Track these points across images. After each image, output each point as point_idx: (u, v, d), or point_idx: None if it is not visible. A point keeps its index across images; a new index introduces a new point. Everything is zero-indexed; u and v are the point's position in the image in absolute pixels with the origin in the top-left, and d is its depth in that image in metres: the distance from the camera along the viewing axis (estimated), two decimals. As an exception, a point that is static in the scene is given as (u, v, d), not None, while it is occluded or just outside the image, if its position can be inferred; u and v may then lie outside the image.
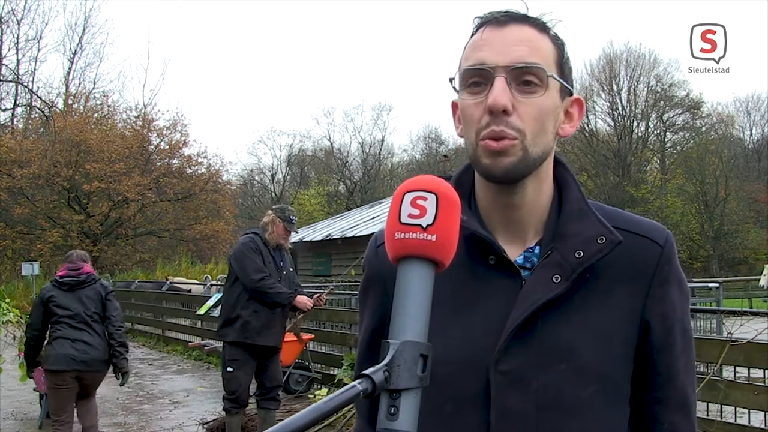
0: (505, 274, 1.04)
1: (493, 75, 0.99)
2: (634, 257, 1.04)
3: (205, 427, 6.64)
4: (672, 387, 1.06)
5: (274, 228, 5.29)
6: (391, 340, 0.70)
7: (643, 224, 1.08)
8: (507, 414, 0.99)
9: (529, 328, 1.00)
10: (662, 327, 1.04)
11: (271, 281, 5.17)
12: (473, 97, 1.02)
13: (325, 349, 9.18)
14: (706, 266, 35.76)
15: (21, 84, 28.90)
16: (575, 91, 1.09)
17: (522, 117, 0.99)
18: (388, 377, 0.67)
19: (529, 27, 1.03)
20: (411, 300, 0.72)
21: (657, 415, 1.07)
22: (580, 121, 1.11)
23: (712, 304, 11.19)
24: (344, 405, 0.64)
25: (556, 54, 1.04)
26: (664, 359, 1.05)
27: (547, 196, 1.08)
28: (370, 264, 1.16)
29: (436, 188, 0.76)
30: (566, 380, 0.99)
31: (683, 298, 1.08)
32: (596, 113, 38.83)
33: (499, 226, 1.08)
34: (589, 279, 1.02)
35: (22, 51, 30.93)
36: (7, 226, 26.02)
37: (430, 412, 1.02)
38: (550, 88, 1.01)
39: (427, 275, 0.73)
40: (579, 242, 1.02)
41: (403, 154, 48.25)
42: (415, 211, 0.74)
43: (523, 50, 1.00)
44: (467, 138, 1.04)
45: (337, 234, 18.55)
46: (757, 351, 4.41)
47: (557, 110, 1.04)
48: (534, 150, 1.01)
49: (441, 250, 0.74)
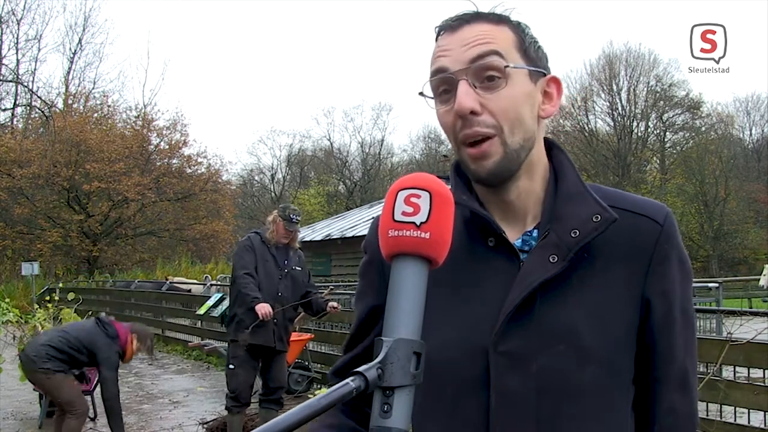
0: (504, 256, 1.04)
1: (456, 80, 1.00)
2: (633, 236, 1.03)
3: (204, 427, 6.63)
4: (671, 366, 1.06)
5: (274, 227, 5.30)
6: (385, 338, 0.70)
7: (642, 203, 1.07)
8: (507, 395, 0.99)
9: (528, 309, 1.00)
10: (663, 305, 1.03)
11: (247, 280, 5.13)
12: (445, 106, 1.03)
13: (325, 349, 9.18)
14: (706, 266, 35.75)
15: (21, 84, 28.93)
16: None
17: (493, 113, 1.00)
18: (381, 375, 0.67)
19: (482, 23, 1.03)
20: (404, 297, 0.71)
21: (657, 394, 1.06)
22: (560, 98, 1.11)
23: (711, 304, 11.19)
24: (337, 402, 0.64)
25: (516, 40, 1.03)
26: (664, 338, 1.04)
27: (542, 181, 1.08)
28: (371, 247, 1.16)
29: (430, 186, 0.75)
30: (566, 361, 0.99)
31: (684, 276, 1.07)
32: (596, 113, 38.93)
33: (497, 213, 1.08)
34: (587, 259, 1.01)
35: (22, 51, 30.99)
36: (7, 226, 26.04)
37: (432, 394, 1.03)
38: (514, 75, 1.01)
39: (420, 273, 0.73)
40: (575, 222, 1.01)
41: (402, 154, 48.31)
42: (408, 209, 0.74)
43: (477, 46, 1.00)
44: (452, 146, 1.06)
45: (337, 234, 18.56)
46: (757, 351, 4.41)
47: (531, 95, 1.04)
48: (513, 141, 1.01)
49: (435, 248, 0.74)
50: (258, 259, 5.24)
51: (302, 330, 8.63)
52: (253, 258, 5.21)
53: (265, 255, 5.26)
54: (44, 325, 7.18)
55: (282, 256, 5.34)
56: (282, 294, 5.32)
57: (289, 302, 5.36)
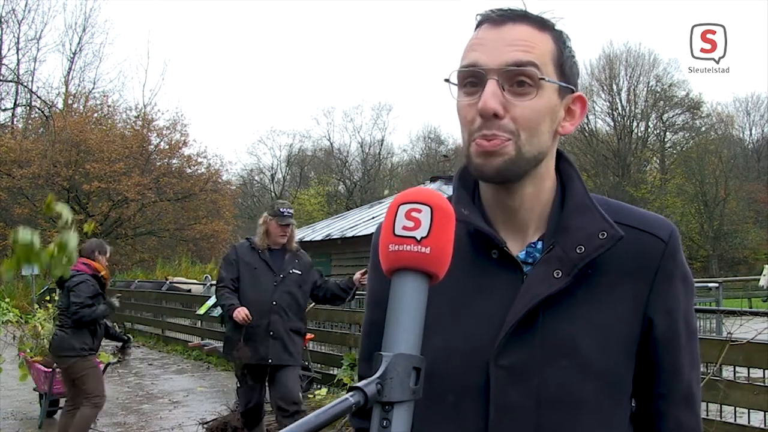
0: (507, 269, 1.03)
1: (486, 77, 0.98)
2: (638, 253, 1.03)
3: (204, 426, 6.63)
4: (676, 382, 1.06)
5: (265, 228, 4.86)
6: (384, 353, 0.70)
7: (647, 219, 1.07)
8: (506, 408, 0.99)
9: (531, 324, 1.00)
10: (666, 322, 1.03)
11: (222, 291, 4.77)
12: (468, 98, 1.01)
13: (325, 349, 9.18)
14: (706, 266, 35.75)
15: (21, 84, 28.94)
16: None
17: (515, 119, 0.98)
18: (380, 390, 0.67)
19: (527, 25, 1.01)
20: (404, 312, 0.71)
21: (662, 410, 1.06)
22: (582, 118, 1.10)
23: (711, 304, 11.18)
24: (336, 418, 0.64)
25: (555, 52, 1.02)
26: (668, 354, 1.04)
27: (549, 192, 1.07)
28: (375, 251, 1.16)
29: (431, 201, 0.75)
30: (568, 376, 0.99)
31: (687, 294, 1.07)
32: (596, 113, 38.88)
33: (502, 222, 1.07)
34: (592, 274, 1.01)
35: (22, 51, 30.97)
36: (7, 226, 26.02)
37: (433, 404, 1.03)
38: (546, 88, 1.00)
39: (420, 288, 0.73)
40: (580, 237, 1.01)
41: (402, 154, 48.32)
42: (409, 224, 0.74)
43: (517, 51, 0.98)
44: (462, 137, 1.04)
45: (337, 234, 18.56)
46: (757, 351, 4.41)
47: (555, 110, 1.02)
48: (528, 150, 1.00)
49: (435, 263, 0.73)
50: (244, 268, 4.81)
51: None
52: (233, 270, 4.80)
53: (254, 262, 4.81)
54: (44, 325, 7.17)
55: (277, 261, 4.84)
56: (278, 303, 4.76)
57: (287, 312, 4.80)
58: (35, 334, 7.12)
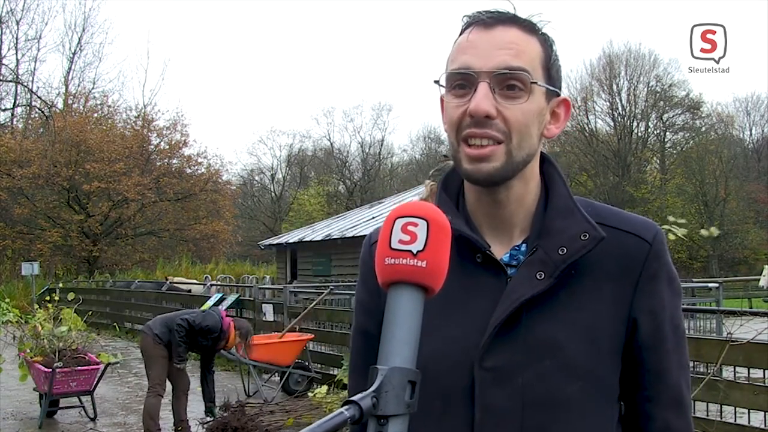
0: (491, 272, 1.04)
1: (477, 80, 0.99)
2: (622, 254, 1.03)
3: (204, 427, 6.62)
4: (663, 384, 1.06)
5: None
6: (380, 366, 0.69)
7: (631, 221, 1.07)
8: (491, 411, 1.00)
9: (514, 325, 1.00)
10: (651, 324, 1.04)
11: None
12: (457, 100, 1.02)
13: (324, 349, 9.18)
14: (706, 266, 35.74)
15: (21, 84, 28.89)
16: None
17: (506, 121, 0.99)
18: (375, 403, 0.67)
19: (517, 28, 1.02)
20: (400, 326, 0.71)
21: (649, 413, 1.06)
22: (567, 121, 1.11)
23: (711, 304, 11.19)
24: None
25: (543, 56, 1.03)
26: (654, 356, 1.04)
27: (533, 194, 1.08)
28: (364, 263, 1.16)
29: (428, 214, 0.75)
30: (551, 377, 0.99)
31: (673, 295, 1.07)
32: (596, 113, 38.87)
33: (486, 225, 1.08)
34: (575, 276, 1.02)
35: (21, 51, 30.99)
36: (7, 226, 26.03)
37: (420, 408, 1.03)
38: (535, 92, 1.01)
39: (416, 301, 0.73)
40: (563, 239, 1.02)
41: (402, 154, 48.32)
42: (405, 237, 0.74)
43: (508, 54, 0.99)
44: (449, 138, 1.05)
45: (337, 234, 18.57)
46: (757, 351, 4.41)
47: (542, 113, 1.04)
48: (518, 154, 1.01)
49: (431, 277, 0.74)
50: None
51: (302, 330, 8.64)
52: None
53: None
54: (44, 325, 7.17)
55: None
56: None
57: None
58: (35, 334, 7.11)
